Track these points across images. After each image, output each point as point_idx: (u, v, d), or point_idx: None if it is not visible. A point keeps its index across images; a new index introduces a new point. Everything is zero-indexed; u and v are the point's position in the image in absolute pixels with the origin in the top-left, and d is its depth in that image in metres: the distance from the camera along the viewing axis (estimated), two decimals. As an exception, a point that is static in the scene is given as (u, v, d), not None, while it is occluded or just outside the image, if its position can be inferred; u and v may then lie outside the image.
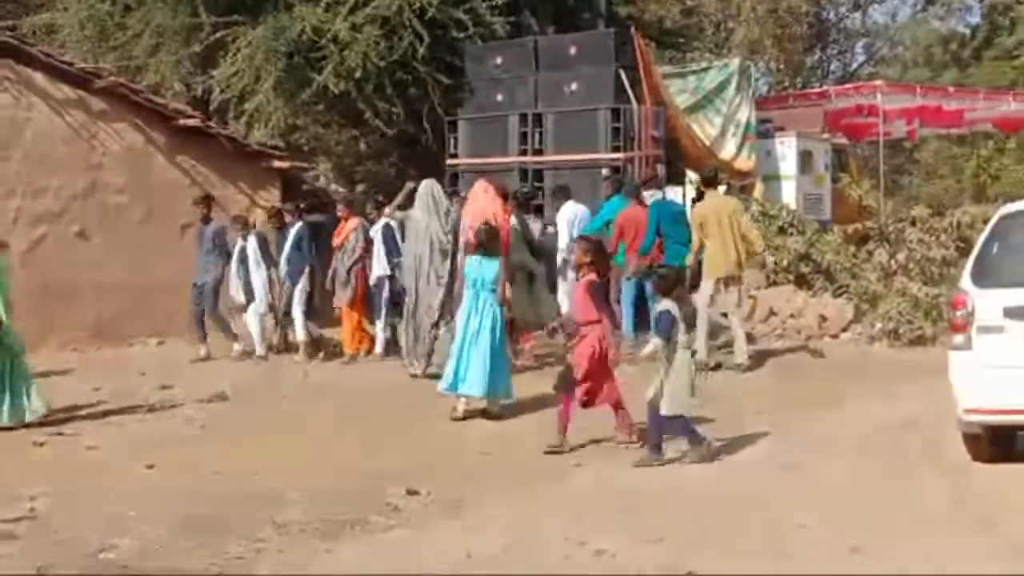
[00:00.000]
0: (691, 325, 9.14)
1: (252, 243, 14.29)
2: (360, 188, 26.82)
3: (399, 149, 21.68)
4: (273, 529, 6.95)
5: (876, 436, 9.15)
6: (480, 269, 10.31)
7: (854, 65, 42.37)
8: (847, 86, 25.58)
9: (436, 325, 11.92)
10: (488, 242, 10.37)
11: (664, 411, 8.38)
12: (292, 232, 14.27)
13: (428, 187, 12.55)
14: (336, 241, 14.13)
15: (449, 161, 17.15)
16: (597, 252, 9.28)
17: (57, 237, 15.22)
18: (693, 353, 8.79)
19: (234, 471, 8.40)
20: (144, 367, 13.33)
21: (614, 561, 6.21)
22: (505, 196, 12.19)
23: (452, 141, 17.22)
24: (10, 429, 10.00)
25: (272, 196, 16.66)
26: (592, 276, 9.10)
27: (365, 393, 11.69)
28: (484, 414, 10.22)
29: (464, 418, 10.16)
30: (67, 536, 6.80)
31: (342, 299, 13.91)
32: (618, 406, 9.11)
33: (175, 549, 6.60)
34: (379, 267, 13.72)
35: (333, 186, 25.82)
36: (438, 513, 7.36)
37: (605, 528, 6.79)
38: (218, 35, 18.37)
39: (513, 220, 12.30)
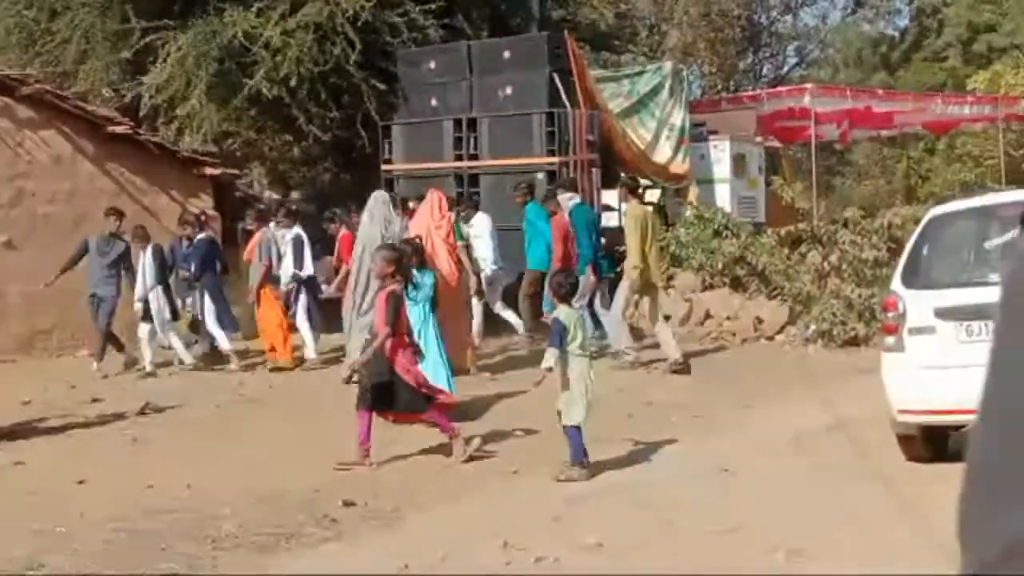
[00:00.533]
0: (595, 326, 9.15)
1: (148, 256, 13.85)
2: (295, 194, 26.66)
3: (334, 154, 21.56)
4: (207, 543, 6.83)
5: (811, 437, 9.21)
6: (419, 280, 10.31)
7: (786, 68, 42.86)
8: (779, 89, 25.87)
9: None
10: (417, 256, 10.52)
11: (563, 421, 8.29)
12: (197, 241, 14.06)
13: (376, 198, 12.51)
14: (245, 255, 14.08)
15: (384, 167, 17.05)
16: (399, 262, 9.10)
17: (-17, 247, 14.92)
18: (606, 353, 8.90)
19: (167, 485, 8.25)
20: (73, 379, 13.06)
21: (555, 567, 6.18)
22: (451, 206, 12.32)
23: (387, 146, 17.11)
24: None
25: (204, 203, 16.44)
26: (394, 287, 8.82)
27: (299, 402, 11.57)
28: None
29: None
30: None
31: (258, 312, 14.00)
32: (430, 419, 8.96)
33: (106, 565, 6.46)
34: (284, 276, 13.84)
35: (267, 192, 25.63)
36: (376, 524, 7.28)
37: (543, 535, 6.76)
38: (148, 40, 18.09)
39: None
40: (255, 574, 6.30)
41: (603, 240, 14.33)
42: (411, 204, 13.63)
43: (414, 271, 10.41)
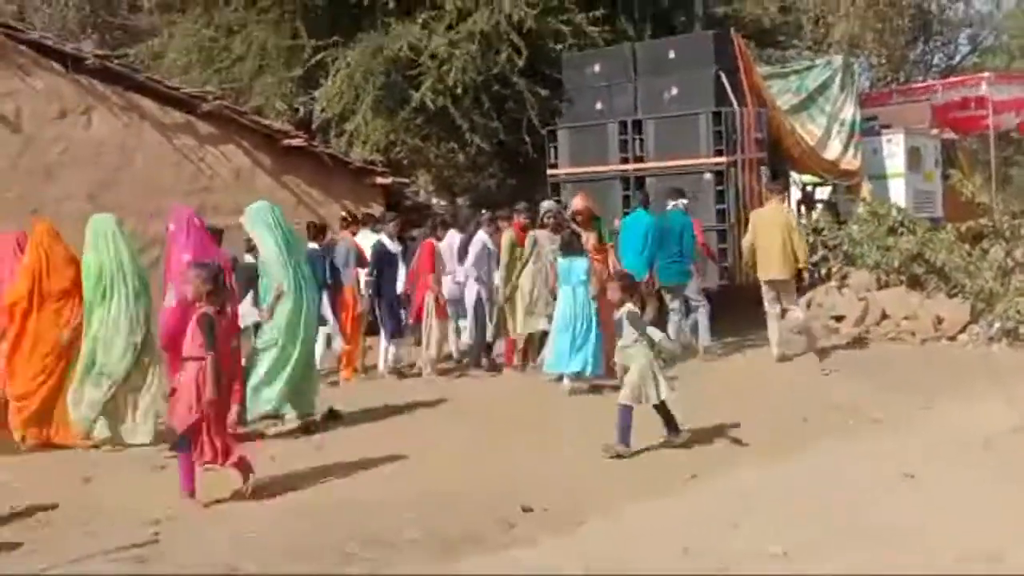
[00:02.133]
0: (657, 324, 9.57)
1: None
2: (461, 200, 26.99)
3: (499, 160, 21.75)
4: (391, 547, 6.98)
5: (998, 440, 8.87)
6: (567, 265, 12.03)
7: (958, 57, 41.48)
8: (953, 79, 25.03)
9: None
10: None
11: (619, 399, 9.09)
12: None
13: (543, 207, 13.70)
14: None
15: (550, 171, 17.13)
16: (216, 282, 8.23)
17: (170, 260, 15.53)
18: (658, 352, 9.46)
19: (350, 490, 8.46)
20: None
21: (790, 563, 6.14)
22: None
23: (552, 151, 17.18)
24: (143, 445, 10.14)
25: (376, 212, 16.83)
26: (207, 309, 8.10)
27: (470, 407, 11.71)
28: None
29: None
30: (191, 560, 6.90)
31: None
32: (239, 465, 8.20)
33: (293, 570, 6.66)
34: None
35: (435, 199, 26.03)
36: (555, 528, 7.31)
37: (724, 541, 6.70)
38: (319, 56, 18.64)
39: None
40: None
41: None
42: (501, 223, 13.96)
43: (560, 258, 12.13)
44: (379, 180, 17.21)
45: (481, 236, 13.93)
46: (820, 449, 9.05)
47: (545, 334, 12.93)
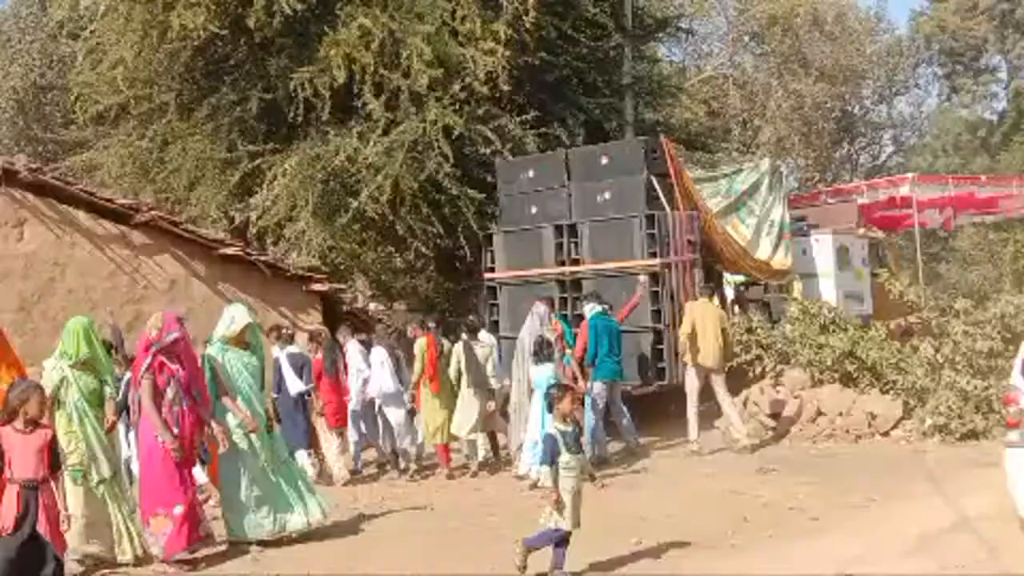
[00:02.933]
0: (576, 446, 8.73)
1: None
2: (398, 304, 27.05)
3: (437, 263, 21.89)
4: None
5: (936, 537, 8.96)
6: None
7: (883, 156, 42.64)
8: (878, 179, 25.70)
9: None
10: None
11: (561, 525, 8.38)
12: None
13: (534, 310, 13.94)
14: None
15: (487, 275, 17.26)
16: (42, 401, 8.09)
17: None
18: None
19: None
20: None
21: None
22: None
23: (489, 255, 17.33)
24: None
25: (314, 318, 16.83)
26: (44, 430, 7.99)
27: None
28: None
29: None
30: None
31: None
32: None
33: None
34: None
35: (372, 304, 26.05)
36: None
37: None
38: (254, 163, 18.75)
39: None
40: None
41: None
42: None
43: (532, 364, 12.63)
44: (316, 287, 17.21)
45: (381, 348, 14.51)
46: (760, 549, 9.07)
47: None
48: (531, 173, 17.27)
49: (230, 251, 16.68)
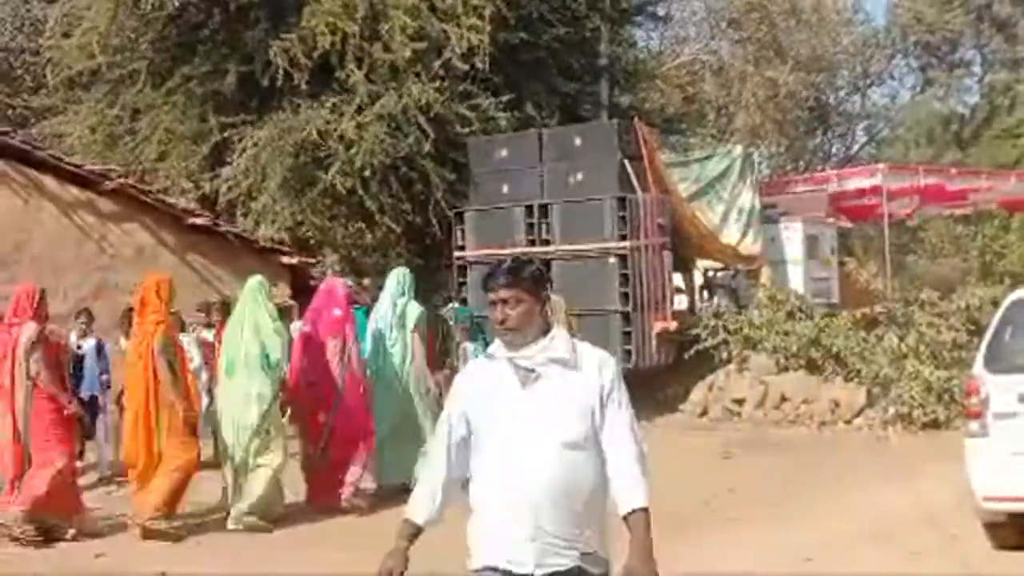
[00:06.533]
0: None
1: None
2: (367, 281, 26.94)
3: (407, 241, 21.82)
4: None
5: (895, 524, 9.05)
6: None
7: (855, 147, 42.80)
8: (849, 169, 25.81)
9: None
10: None
11: None
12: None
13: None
14: None
15: (457, 253, 17.23)
16: None
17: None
18: None
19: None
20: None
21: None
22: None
23: (459, 233, 17.31)
24: None
25: (282, 292, 16.71)
26: None
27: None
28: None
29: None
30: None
31: None
32: None
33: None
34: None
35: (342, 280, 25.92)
36: None
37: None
38: (225, 134, 18.61)
39: None
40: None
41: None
42: None
43: None
44: (285, 260, 17.11)
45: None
46: (721, 533, 9.12)
47: None
48: (504, 152, 17.25)
49: (199, 221, 16.55)
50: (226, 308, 12.47)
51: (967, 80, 41.99)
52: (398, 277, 11.46)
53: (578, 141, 16.60)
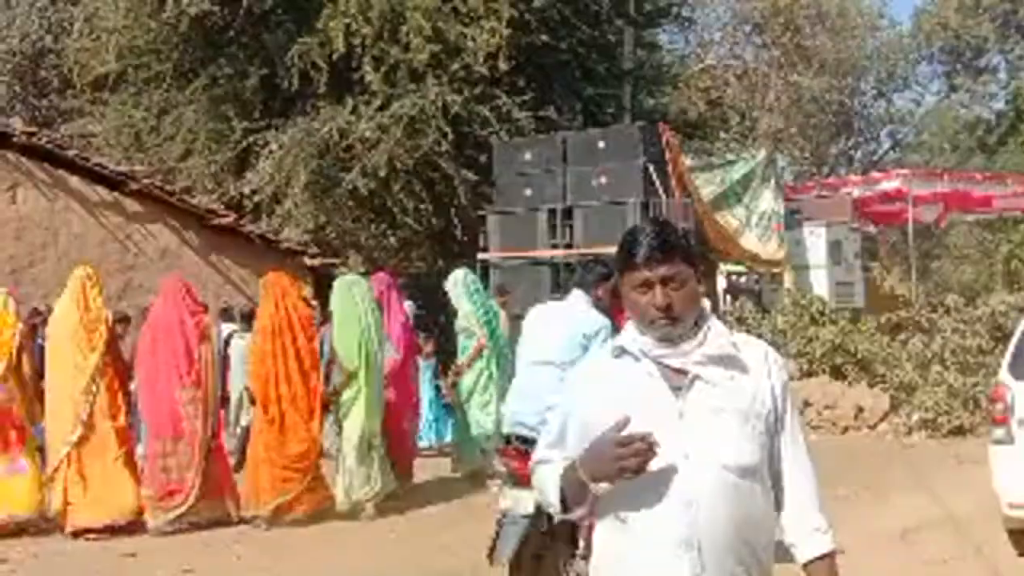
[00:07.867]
0: None
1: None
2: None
3: (430, 242, 21.84)
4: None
5: (919, 531, 8.98)
6: None
7: (879, 152, 42.63)
8: (875, 174, 25.70)
9: None
10: None
11: None
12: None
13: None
14: None
15: (480, 255, 17.22)
16: None
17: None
18: None
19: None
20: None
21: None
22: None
23: (483, 235, 17.29)
24: None
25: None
26: None
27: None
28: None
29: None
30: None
31: None
32: None
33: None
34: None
35: (364, 281, 25.95)
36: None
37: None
38: (249, 139, 18.69)
39: None
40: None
41: None
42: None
43: None
44: (308, 261, 17.16)
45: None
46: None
47: None
48: (528, 155, 17.22)
49: (223, 222, 16.63)
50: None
51: (992, 86, 41.72)
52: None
53: (602, 144, 16.54)
